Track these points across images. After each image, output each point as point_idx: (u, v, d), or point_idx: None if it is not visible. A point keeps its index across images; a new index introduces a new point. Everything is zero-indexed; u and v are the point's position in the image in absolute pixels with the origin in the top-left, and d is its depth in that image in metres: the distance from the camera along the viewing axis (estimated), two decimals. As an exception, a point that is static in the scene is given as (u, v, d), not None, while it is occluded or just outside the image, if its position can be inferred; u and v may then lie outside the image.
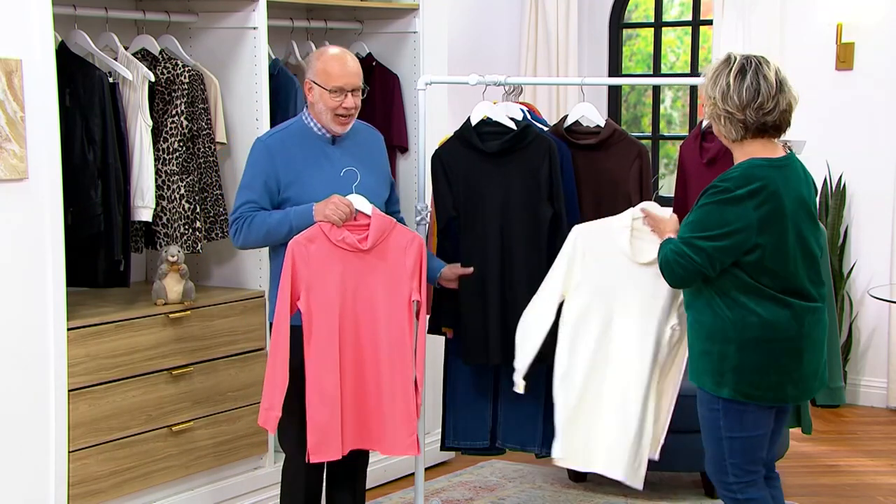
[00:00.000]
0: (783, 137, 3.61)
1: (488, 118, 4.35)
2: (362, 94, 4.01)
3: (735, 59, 3.54)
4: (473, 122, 4.37)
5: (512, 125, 4.32)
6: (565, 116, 4.47)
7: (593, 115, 4.43)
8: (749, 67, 3.51)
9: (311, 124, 4.02)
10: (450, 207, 4.38)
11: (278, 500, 4.18)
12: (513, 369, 4.12)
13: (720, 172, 3.59)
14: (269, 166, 3.95)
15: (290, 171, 3.96)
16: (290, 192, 3.95)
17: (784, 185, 3.50)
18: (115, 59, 4.48)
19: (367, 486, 5.11)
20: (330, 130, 4.01)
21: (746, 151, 3.54)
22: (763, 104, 3.48)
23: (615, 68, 7.53)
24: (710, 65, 3.63)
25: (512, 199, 4.31)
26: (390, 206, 4.19)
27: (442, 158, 4.41)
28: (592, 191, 4.35)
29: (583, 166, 4.35)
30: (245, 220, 3.95)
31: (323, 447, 3.93)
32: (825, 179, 6.63)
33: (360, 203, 3.95)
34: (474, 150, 4.34)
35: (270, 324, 4.04)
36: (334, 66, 3.95)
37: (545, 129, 4.43)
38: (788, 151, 3.59)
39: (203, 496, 4.63)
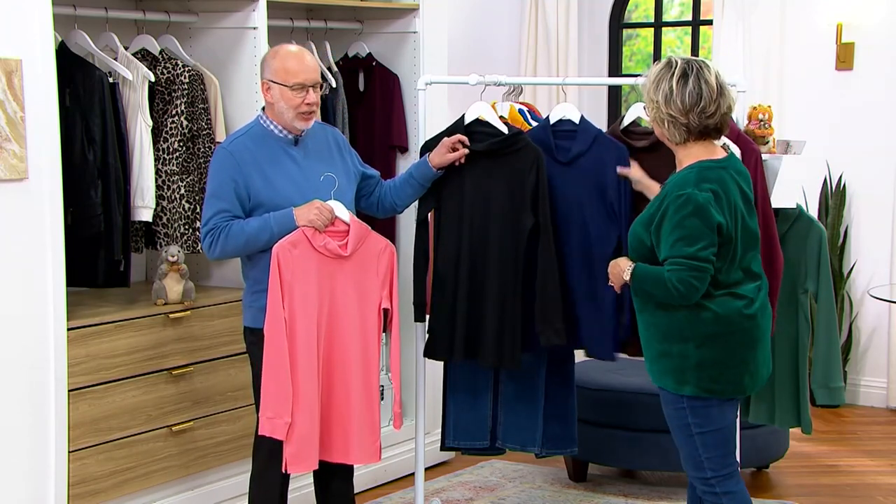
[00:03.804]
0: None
1: (483, 119, 4.34)
2: (321, 91, 4.01)
3: (676, 63, 3.62)
4: (467, 121, 4.35)
5: (503, 129, 4.30)
6: (622, 117, 4.43)
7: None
8: (691, 72, 3.58)
9: (272, 127, 3.97)
10: (431, 199, 4.37)
11: None
12: (511, 369, 4.09)
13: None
14: (237, 173, 3.88)
15: (258, 175, 3.89)
16: (262, 198, 3.89)
17: (731, 182, 3.58)
18: (115, 59, 4.48)
19: (368, 487, 5.14)
20: (293, 129, 3.95)
21: (690, 153, 3.62)
22: (705, 108, 3.56)
23: (615, 68, 7.52)
24: (650, 69, 3.70)
25: (493, 201, 4.29)
26: (366, 179, 4.18)
27: (430, 149, 4.38)
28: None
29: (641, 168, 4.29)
30: (220, 230, 3.87)
31: (301, 458, 3.90)
32: (825, 179, 6.63)
33: (339, 210, 3.94)
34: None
35: (246, 328, 4.03)
36: (293, 63, 3.90)
37: (604, 132, 4.38)
38: (729, 152, 3.67)
39: (203, 496, 4.63)
